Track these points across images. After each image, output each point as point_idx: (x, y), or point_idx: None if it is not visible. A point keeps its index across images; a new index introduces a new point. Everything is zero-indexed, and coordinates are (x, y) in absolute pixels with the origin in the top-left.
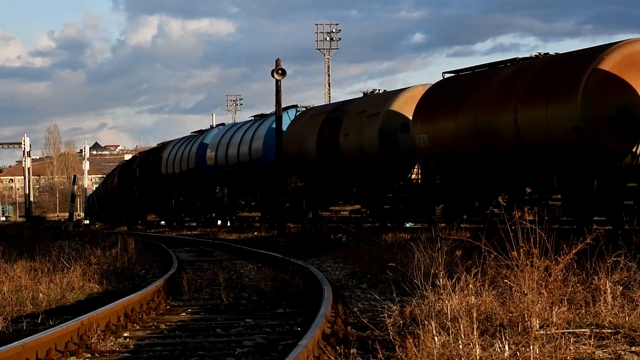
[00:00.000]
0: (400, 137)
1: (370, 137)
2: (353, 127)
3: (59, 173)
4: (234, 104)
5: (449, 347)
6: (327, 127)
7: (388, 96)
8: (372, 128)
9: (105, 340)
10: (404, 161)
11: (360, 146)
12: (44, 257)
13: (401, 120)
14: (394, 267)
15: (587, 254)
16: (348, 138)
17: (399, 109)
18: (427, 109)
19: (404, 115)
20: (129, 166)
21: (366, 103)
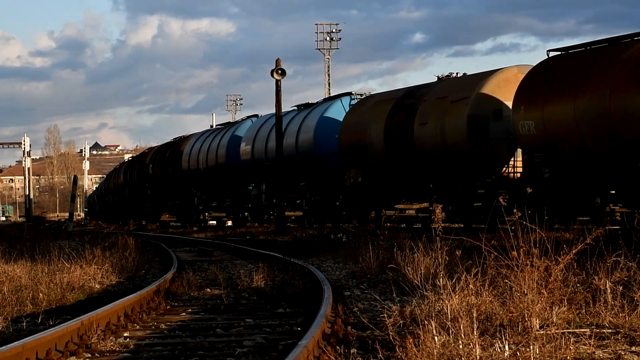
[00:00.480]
0: (492, 125)
1: (455, 125)
2: (432, 115)
3: (59, 173)
4: (234, 104)
5: (449, 347)
6: (398, 116)
7: (476, 79)
8: (458, 115)
9: (105, 340)
10: (496, 152)
11: (442, 136)
12: (44, 257)
13: (493, 106)
14: (394, 267)
15: (588, 254)
16: (425, 127)
17: (491, 93)
18: (533, 92)
19: (498, 100)
20: (139, 162)
21: (447, 87)
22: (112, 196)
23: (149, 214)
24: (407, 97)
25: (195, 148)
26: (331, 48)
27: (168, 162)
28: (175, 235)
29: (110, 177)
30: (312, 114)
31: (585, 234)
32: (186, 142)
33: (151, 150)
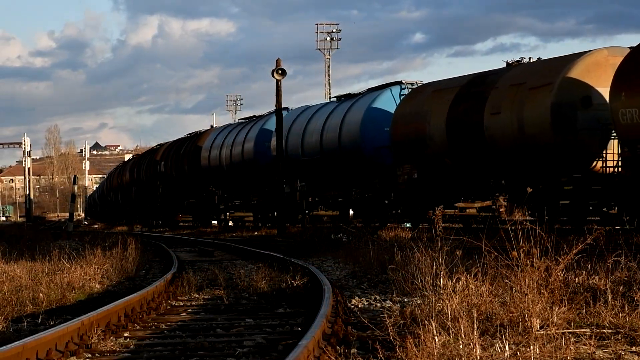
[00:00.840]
0: (580, 114)
1: (536, 114)
2: (506, 103)
3: (59, 173)
4: (234, 104)
5: (450, 347)
6: (463, 105)
7: (560, 63)
8: (540, 103)
9: (105, 340)
10: (586, 144)
11: (519, 126)
12: (44, 257)
13: (581, 92)
14: (395, 268)
15: (588, 254)
16: (498, 117)
17: (579, 78)
18: (638, 75)
19: (587, 86)
20: (148, 159)
21: (525, 73)
22: (116, 195)
23: (160, 213)
24: (473, 85)
25: (216, 143)
26: (331, 48)
27: (184, 159)
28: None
29: (114, 175)
30: (358, 105)
31: (585, 234)
32: (205, 137)
33: (162, 147)
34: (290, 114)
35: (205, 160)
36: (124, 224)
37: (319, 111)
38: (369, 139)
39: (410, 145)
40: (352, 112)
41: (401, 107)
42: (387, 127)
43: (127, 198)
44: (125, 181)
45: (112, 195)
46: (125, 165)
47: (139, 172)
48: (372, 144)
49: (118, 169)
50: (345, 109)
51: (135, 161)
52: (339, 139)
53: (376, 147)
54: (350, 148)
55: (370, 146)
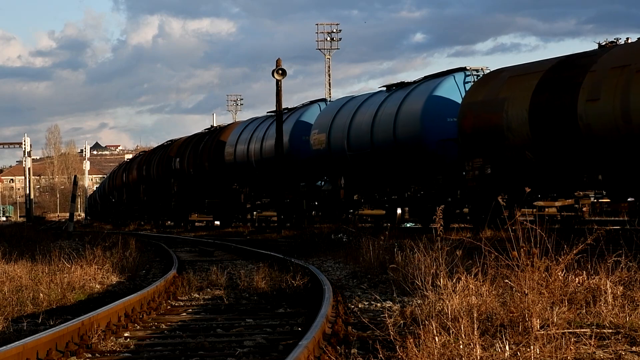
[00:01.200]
0: None
1: None
2: (606, 88)
3: (60, 173)
4: (235, 104)
5: (450, 347)
6: (550, 91)
7: None
8: None
9: (105, 340)
10: None
11: (623, 114)
12: (44, 257)
13: None
14: (395, 268)
15: (588, 254)
16: (597, 104)
17: None
18: None
19: None
20: (159, 156)
21: (628, 53)
22: (120, 194)
23: (175, 213)
24: (562, 69)
25: (243, 137)
26: (332, 48)
27: (203, 155)
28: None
29: (117, 174)
30: (415, 94)
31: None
32: (229, 132)
33: (177, 142)
34: (332, 106)
35: (230, 156)
36: (131, 224)
37: (366, 102)
38: (430, 131)
39: (483, 137)
40: (409, 102)
41: (471, 95)
42: (451, 117)
43: (134, 197)
44: (132, 179)
45: (115, 194)
46: (131, 162)
47: (149, 169)
48: (434, 137)
49: (123, 167)
50: (400, 98)
51: (143, 158)
52: (394, 131)
53: (439, 139)
54: (407, 141)
55: (432, 139)
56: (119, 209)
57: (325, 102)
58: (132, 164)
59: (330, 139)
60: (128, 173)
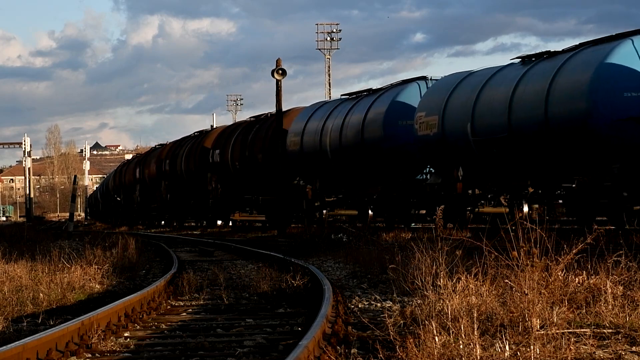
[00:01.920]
0: None
1: None
2: None
3: (60, 173)
4: (235, 104)
5: (450, 347)
6: None
7: None
8: None
9: (105, 340)
10: None
11: None
12: (44, 257)
13: None
14: (395, 268)
15: (588, 253)
16: None
17: None
18: None
19: None
20: (187, 148)
21: None
22: (130, 192)
23: (215, 212)
24: None
25: (313, 124)
26: (331, 48)
27: (256, 145)
28: None
29: (126, 170)
30: (575, 63)
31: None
32: (290, 118)
33: (214, 132)
34: (442, 84)
35: (296, 146)
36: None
37: (495, 77)
38: (602, 107)
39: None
40: (567, 73)
41: None
42: (631, 91)
43: (152, 195)
44: (150, 175)
45: (123, 192)
46: (147, 157)
47: (175, 163)
48: (607, 115)
49: (134, 161)
50: (551, 70)
51: (166, 151)
52: (545, 110)
53: (614, 119)
54: (566, 122)
55: (605, 118)
56: (129, 208)
57: (425, 80)
58: (148, 158)
59: (444, 121)
60: (143, 168)
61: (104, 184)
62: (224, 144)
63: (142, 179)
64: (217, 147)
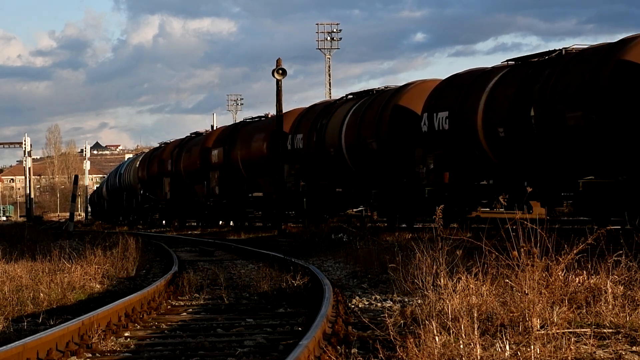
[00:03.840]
0: None
1: None
2: None
3: (60, 173)
4: (235, 104)
5: (450, 347)
6: None
7: None
8: None
9: (106, 340)
10: None
11: None
12: (44, 256)
13: None
14: (395, 267)
15: (588, 253)
16: None
17: None
18: None
19: None
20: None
21: None
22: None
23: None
24: None
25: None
26: (332, 48)
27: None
28: None
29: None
30: None
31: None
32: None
33: (291, 114)
34: None
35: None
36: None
37: None
38: None
39: None
40: None
41: None
42: None
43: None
44: (188, 167)
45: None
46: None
47: (230, 152)
48: None
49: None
50: None
51: (213, 138)
52: None
53: None
54: None
55: None
56: (154, 207)
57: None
58: (183, 148)
59: None
60: (176, 159)
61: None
62: (312, 125)
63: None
64: (299, 131)
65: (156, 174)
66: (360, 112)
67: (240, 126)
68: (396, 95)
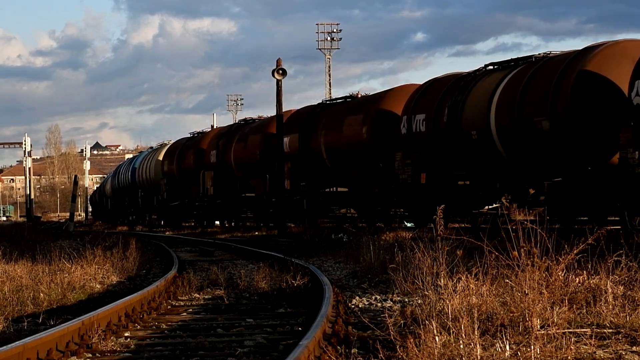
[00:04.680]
0: None
1: None
2: None
3: (60, 173)
4: (235, 104)
5: (450, 347)
6: None
7: None
8: None
9: (106, 340)
10: None
11: None
12: (44, 257)
13: None
14: (395, 267)
15: (589, 253)
16: None
17: None
18: None
19: None
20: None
21: None
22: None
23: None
24: None
25: None
26: (332, 48)
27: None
28: None
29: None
30: None
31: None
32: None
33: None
34: None
35: None
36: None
37: None
38: None
39: None
40: None
41: None
42: None
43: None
44: (242, 158)
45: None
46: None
47: (309, 139)
48: None
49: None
50: None
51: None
52: None
53: None
54: None
55: None
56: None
57: None
58: (234, 137)
59: None
60: (224, 150)
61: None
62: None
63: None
64: (422, 109)
65: (192, 167)
66: (518, 83)
67: (320, 109)
68: (581, 59)
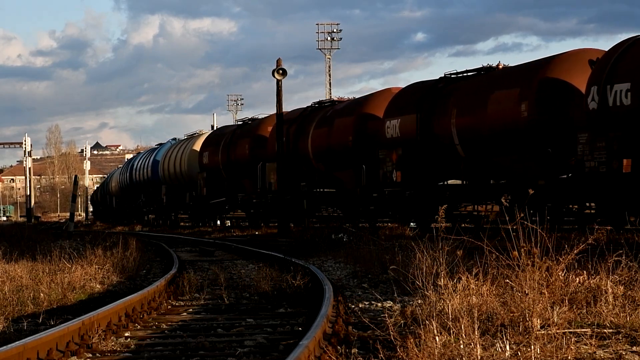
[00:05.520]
0: None
1: None
2: None
3: (60, 173)
4: (235, 104)
5: (450, 347)
6: None
7: None
8: None
9: (106, 340)
10: None
11: None
12: (45, 256)
13: None
14: (395, 268)
15: (589, 253)
16: None
17: None
18: None
19: None
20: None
21: None
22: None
23: None
24: None
25: None
26: (332, 48)
27: None
28: None
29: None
30: None
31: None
32: None
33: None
34: None
35: None
36: None
37: None
38: None
39: None
40: None
41: None
42: None
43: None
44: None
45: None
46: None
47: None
48: None
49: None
50: None
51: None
52: None
53: None
54: None
55: None
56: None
57: None
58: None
59: None
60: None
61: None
62: None
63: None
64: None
65: (247, 159)
66: None
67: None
68: None
